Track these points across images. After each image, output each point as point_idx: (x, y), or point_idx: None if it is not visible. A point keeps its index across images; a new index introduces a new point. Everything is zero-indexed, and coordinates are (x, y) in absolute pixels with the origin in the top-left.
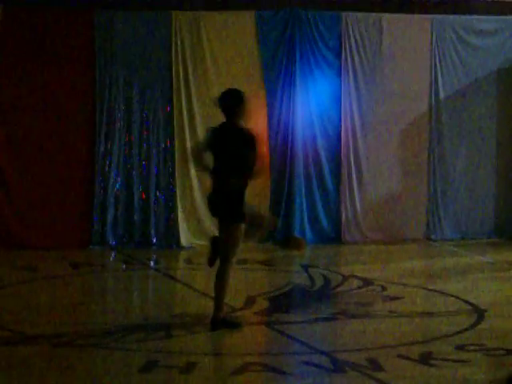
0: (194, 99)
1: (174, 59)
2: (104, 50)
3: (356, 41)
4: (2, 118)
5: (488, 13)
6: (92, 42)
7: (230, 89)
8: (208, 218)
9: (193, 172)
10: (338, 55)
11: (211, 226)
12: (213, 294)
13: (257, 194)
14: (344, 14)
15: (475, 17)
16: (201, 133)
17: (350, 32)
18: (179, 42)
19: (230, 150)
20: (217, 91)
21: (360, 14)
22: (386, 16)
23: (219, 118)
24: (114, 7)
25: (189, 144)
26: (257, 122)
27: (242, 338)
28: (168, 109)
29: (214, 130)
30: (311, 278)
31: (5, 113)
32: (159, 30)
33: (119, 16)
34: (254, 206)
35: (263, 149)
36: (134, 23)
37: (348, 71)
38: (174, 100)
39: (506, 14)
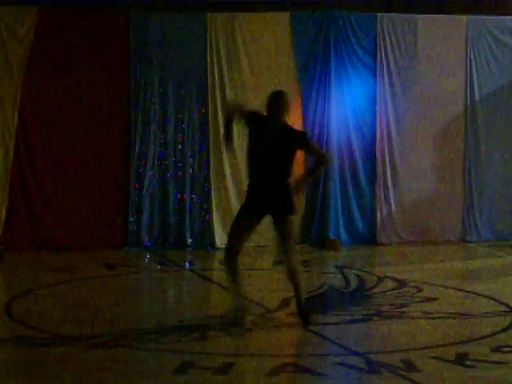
0: (229, 100)
1: (209, 61)
2: (139, 51)
3: (391, 42)
4: (37, 121)
5: None
6: (127, 43)
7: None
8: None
9: (227, 174)
10: (373, 56)
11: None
12: (247, 295)
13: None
14: (379, 14)
15: (510, 17)
16: (235, 135)
17: (385, 33)
18: (214, 44)
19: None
20: (252, 92)
21: (395, 15)
22: (421, 17)
23: None
24: (150, 9)
25: (223, 146)
26: (292, 122)
27: (277, 339)
28: (203, 110)
29: (260, 118)
30: (346, 279)
31: (40, 117)
32: (194, 31)
33: (154, 17)
34: None
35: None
36: (169, 25)
37: (383, 72)
38: (209, 101)
39: None
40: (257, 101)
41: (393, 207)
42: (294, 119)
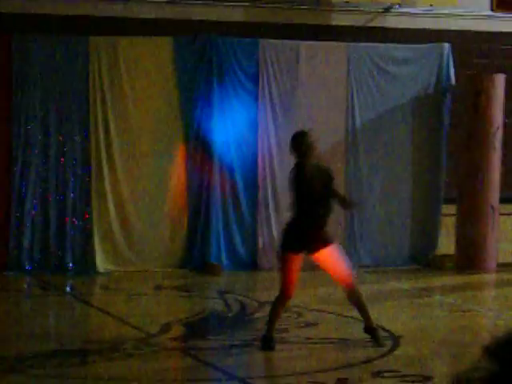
0: (111, 124)
1: (91, 84)
2: (21, 74)
3: (273, 68)
4: None
5: (404, 41)
6: (10, 66)
7: (297, 132)
8: (125, 243)
9: (109, 198)
10: (256, 82)
11: (128, 251)
12: (127, 319)
13: (174, 221)
14: (261, 40)
15: (391, 45)
16: (118, 159)
17: (268, 59)
18: (96, 67)
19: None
20: (134, 116)
21: (277, 41)
22: (303, 43)
23: (135, 141)
24: (33, 31)
25: (106, 170)
26: (174, 146)
27: (158, 364)
28: (85, 134)
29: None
30: (227, 304)
31: None
32: (76, 54)
33: (37, 40)
34: None
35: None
36: (52, 48)
37: (265, 98)
38: (91, 125)
39: (421, 42)
40: (139, 125)
41: (274, 232)
42: (176, 144)
